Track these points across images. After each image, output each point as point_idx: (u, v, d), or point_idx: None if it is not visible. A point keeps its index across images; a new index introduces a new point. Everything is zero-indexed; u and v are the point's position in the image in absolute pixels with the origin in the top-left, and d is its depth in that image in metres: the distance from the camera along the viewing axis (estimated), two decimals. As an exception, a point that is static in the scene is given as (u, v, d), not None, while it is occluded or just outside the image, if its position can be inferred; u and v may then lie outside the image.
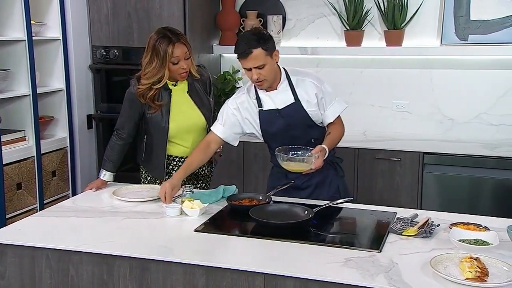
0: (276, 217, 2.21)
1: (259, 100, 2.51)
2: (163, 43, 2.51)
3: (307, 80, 2.50)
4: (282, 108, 2.48)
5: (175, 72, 2.57)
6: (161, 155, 2.70)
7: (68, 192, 3.77)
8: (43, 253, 2.03)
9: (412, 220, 2.16)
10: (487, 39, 3.54)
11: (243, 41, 2.36)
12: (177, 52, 2.52)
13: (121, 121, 2.70)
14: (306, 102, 2.48)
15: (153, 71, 2.53)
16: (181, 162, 2.71)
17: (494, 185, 3.28)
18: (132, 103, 2.64)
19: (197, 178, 2.81)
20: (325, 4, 3.89)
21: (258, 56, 2.33)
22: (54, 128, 3.77)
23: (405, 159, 3.41)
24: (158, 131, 2.66)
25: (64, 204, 2.52)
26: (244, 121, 2.56)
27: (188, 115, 2.68)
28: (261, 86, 2.46)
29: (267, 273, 1.79)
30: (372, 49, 3.80)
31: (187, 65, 2.57)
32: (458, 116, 3.76)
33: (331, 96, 2.54)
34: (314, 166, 2.37)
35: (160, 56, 2.50)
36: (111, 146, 2.72)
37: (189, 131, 2.69)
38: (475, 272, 1.64)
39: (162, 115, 2.63)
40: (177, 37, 2.53)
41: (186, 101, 2.67)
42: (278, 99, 2.49)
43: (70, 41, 3.74)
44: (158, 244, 2.01)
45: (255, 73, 2.37)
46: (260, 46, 2.33)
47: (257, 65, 2.35)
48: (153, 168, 2.76)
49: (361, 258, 1.85)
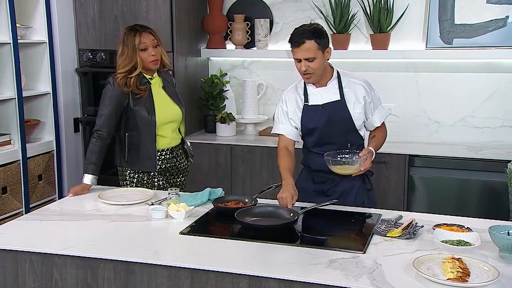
0: (262, 219, 2.22)
1: (306, 95, 2.56)
2: (131, 34, 2.72)
3: (358, 83, 2.56)
4: (325, 103, 2.52)
5: (146, 60, 2.72)
6: (151, 146, 2.77)
7: (54, 196, 3.75)
8: (26, 257, 2.02)
9: (396, 222, 2.17)
10: (471, 43, 3.58)
11: (299, 32, 2.42)
12: (144, 39, 2.71)
13: (101, 121, 2.73)
14: (352, 103, 2.53)
15: (125, 60, 2.71)
16: (164, 155, 2.81)
17: (479, 187, 3.31)
18: (113, 99, 2.71)
19: (177, 172, 2.89)
20: (312, 8, 3.91)
21: (310, 48, 2.39)
22: (40, 132, 3.75)
23: (392, 162, 3.43)
24: (145, 123, 2.74)
25: (49, 208, 2.50)
26: (292, 114, 2.58)
27: (168, 107, 2.82)
28: (308, 80, 2.50)
29: (252, 275, 1.80)
30: (359, 53, 3.83)
31: (156, 52, 2.73)
32: (443, 119, 3.80)
33: (378, 102, 2.61)
34: (363, 168, 2.42)
35: (130, 46, 2.70)
36: (91, 149, 2.74)
37: (170, 122, 2.83)
38: (456, 273, 1.66)
39: (147, 106, 2.73)
40: (144, 28, 2.76)
41: (162, 94, 2.83)
42: (324, 95, 2.54)
43: (56, 44, 3.72)
44: (143, 247, 2.01)
45: (303, 65, 2.42)
46: (314, 39, 2.39)
47: (308, 56, 2.40)
48: (142, 163, 2.78)
49: (345, 260, 1.86)
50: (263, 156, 3.70)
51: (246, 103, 4.01)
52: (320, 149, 2.53)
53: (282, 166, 2.53)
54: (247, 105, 4.01)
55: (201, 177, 3.79)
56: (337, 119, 2.52)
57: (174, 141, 2.87)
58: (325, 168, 2.49)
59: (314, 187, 2.62)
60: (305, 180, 2.65)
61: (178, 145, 2.89)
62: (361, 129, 2.58)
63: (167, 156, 2.83)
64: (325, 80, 2.54)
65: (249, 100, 4.00)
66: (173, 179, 2.90)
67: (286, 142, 2.60)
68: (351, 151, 2.50)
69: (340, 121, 2.52)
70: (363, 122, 2.58)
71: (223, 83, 4.07)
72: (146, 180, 2.80)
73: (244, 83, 4.02)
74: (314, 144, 2.57)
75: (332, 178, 2.56)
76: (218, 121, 3.94)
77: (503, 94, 3.65)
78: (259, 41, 3.98)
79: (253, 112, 4.03)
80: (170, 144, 2.84)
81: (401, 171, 3.43)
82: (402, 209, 3.32)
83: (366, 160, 2.42)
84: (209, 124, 4.04)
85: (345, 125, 2.53)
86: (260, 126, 4.09)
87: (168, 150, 2.83)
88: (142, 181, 2.80)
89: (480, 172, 3.30)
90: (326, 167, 2.47)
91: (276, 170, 3.42)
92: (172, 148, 2.85)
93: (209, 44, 4.11)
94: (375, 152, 2.50)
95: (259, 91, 4.08)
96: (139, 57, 2.70)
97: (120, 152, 2.81)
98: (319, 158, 2.51)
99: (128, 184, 2.81)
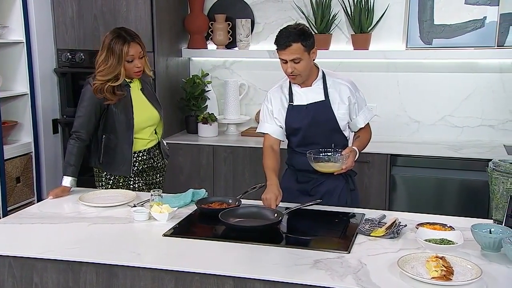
0: (246, 220, 2.21)
1: (291, 95, 2.56)
2: (119, 42, 2.61)
3: (343, 83, 2.56)
4: (310, 103, 2.52)
5: (130, 70, 2.67)
6: (127, 150, 2.72)
7: (33, 199, 3.68)
8: (5, 261, 1.97)
9: (380, 221, 2.18)
10: (451, 43, 3.62)
11: (285, 33, 2.41)
12: (132, 51, 2.62)
13: (79, 122, 2.69)
14: (336, 104, 2.52)
15: (109, 69, 2.62)
16: (142, 156, 2.78)
17: (459, 185, 3.35)
18: (92, 100, 2.66)
19: (154, 171, 2.88)
20: (293, 8, 3.92)
21: (296, 50, 2.38)
22: (18, 133, 3.69)
23: (374, 161, 3.45)
24: (123, 126, 2.70)
25: (29, 210, 2.46)
26: (277, 113, 2.57)
27: (146, 109, 2.78)
28: (294, 81, 2.50)
29: (237, 277, 1.78)
30: (340, 53, 3.84)
31: (141, 63, 2.68)
32: (424, 119, 3.83)
33: (363, 103, 2.61)
34: (345, 166, 2.41)
35: (116, 55, 2.61)
36: (70, 150, 2.69)
37: (149, 125, 2.79)
38: (440, 271, 1.67)
39: (126, 110, 2.70)
40: (132, 37, 2.66)
41: (141, 97, 2.78)
42: (309, 95, 2.53)
43: (34, 44, 3.66)
44: (125, 250, 1.98)
45: (290, 66, 2.42)
46: (300, 42, 2.38)
47: (294, 57, 2.39)
48: (117, 167, 2.74)
49: (330, 260, 1.86)
50: (246, 157, 3.68)
51: (228, 103, 3.99)
52: (304, 149, 2.53)
53: (266, 166, 2.52)
54: (229, 105, 3.99)
55: (183, 177, 3.77)
56: (321, 120, 2.52)
57: (151, 142, 2.84)
58: (309, 168, 2.49)
59: (298, 186, 2.62)
60: (289, 180, 2.65)
61: (154, 146, 2.86)
62: (345, 129, 2.59)
63: (144, 157, 2.80)
64: (310, 80, 2.54)
65: (231, 100, 3.99)
66: (150, 179, 2.87)
67: (271, 141, 2.59)
68: (333, 149, 2.50)
69: (324, 121, 2.52)
70: (348, 122, 2.58)
71: (204, 83, 4.04)
72: (122, 182, 2.76)
73: (226, 84, 4.01)
74: (298, 144, 2.57)
75: (315, 178, 2.56)
76: (200, 121, 3.91)
77: (482, 93, 3.70)
78: (240, 41, 3.97)
79: (235, 113, 4.01)
80: (147, 146, 2.81)
81: (383, 171, 3.45)
82: (384, 208, 3.34)
83: (348, 158, 2.42)
84: (191, 125, 4.01)
85: (329, 126, 2.53)
86: (242, 126, 4.08)
87: (145, 151, 2.80)
88: (118, 183, 2.77)
89: (460, 171, 3.34)
90: (310, 166, 2.47)
91: (259, 171, 3.43)
92: (149, 149, 2.82)
93: (190, 44, 4.08)
94: (358, 152, 2.50)
95: (241, 91, 4.06)
96: (124, 67, 2.62)
97: (96, 153, 2.77)
98: (303, 157, 2.51)
99: (103, 185, 2.78)
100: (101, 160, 2.75)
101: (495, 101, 3.68)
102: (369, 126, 2.66)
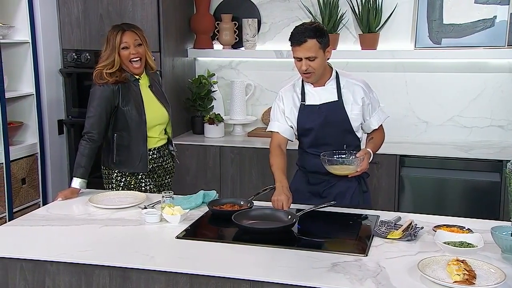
0: (260, 222, 2.18)
1: (303, 95, 2.52)
2: (114, 32, 2.69)
3: (357, 84, 2.52)
4: (322, 104, 2.48)
5: (126, 58, 2.67)
6: (143, 146, 2.72)
7: (38, 200, 3.64)
8: (16, 264, 1.94)
9: (395, 223, 2.15)
10: (460, 43, 3.60)
11: (300, 30, 2.37)
12: (126, 38, 2.66)
13: (90, 123, 2.66)
14: (349, 104, 2.49)
15: (104, 55, 2.68)
16: (152, 154, 2.76)
17: (468, 186, 3.32)
18: (102, 99, 2.65)
19: (164, 172, 2.86)
20: (300, 8, 3.88)
21: (311, 47, 2.35)
22: (24, 134, 3.65)
23: (383, 162, 3.42)
24: (136, 122, 2.69)
25: (37, 213, 2.42)
26: (289, 112, 2.54)
27: (155, 107, 2.78)
28: (308, 79, 2.46)
29: (254, 280, 1.75)
30: (347, 53, 3.81)
31: (137, 51, 2.68)
32: (432, 119, 3.80)
33: (376, 104, 2.58)
34: (360, 169, 2.38)
35: (111, 44, 2.68)
36: (81, 152, 2.65)
37: (158, 123, 2.78)
38: (463, 275, 1.64)
39: (137, 106, 2.69)
40: (128, 26, 2.72)
41: (149, 94, 2.77)
42: (322, 95, 2.50)
43: (40, 44, 3.62)
44: (138, 252, 1.95)
45: (304, 64, 2.38)
46: (316, 38, 2.35)
47: (309, 55, 2.36)
48: (132, 165, 2.72)
49: (347, 263, 1.83)
50: (252, 157, 3.65)
51: (234, 103, 3.96)
52: (316, 150, 2.50)
53: (275, 166, 2.47)
54: (235, 106, 3.96)
55: (189, 178, 3.74)
56: (333, 120, 2.48)
57: (161, 141, 2.82)
58: (321, 169, 2.46)
59: (309, 188, 2.59)
60: (300, 182, 2.62)
61: (164, 145, 2.85)
62: (358, 130, 2.55)
63: (154, 155, 2.78)
64: (323, 80, 2.50)
65: (237, 100, 3.96)
66: (160, 180, 2.85)
67: (280, 140, 2.55)
68: (346, 151, 2.47)
69: (336, 122, 2.49)
70: (361, 123, 2.55)
71: (210, 83, 4.01)
72: (133, 184, 2.73)
73: (232, 84, 3.98)
74: (310, 144, 2.53)
75: (327, 180, 2.53)
76: (206, 122, 3.88)
77: (491, 94, 3.67)
78: (247, 41, 3.94)
79: (241, 113, 3.98)
80: (157, 144, 2.79)
81: (391, 172, 3.42)
82: (393, 210, 3.31)
83: (363, 161, 2.39)
84: (197, 125, 3.98)
85: (341, 126, 2.50)
86: (249, 127, 4.04)
87: (155, 149, 2.78)
88: (129, 185, 2.73)
89: (469, 171, 3.31)
90: (322, 168, 2.44)
91: (265, 172, 3.41)
92: (159, 148, 2.80)
93: (196, 44, 4.05)
94: (372, 153, 2.47)
95: (247, 91, 4.03)
96: (119, 55, 2.66)
97: (108, 153, 2.73)
98: (314, 159, 2.48)
99: (114, 187, 2.74)
100: (115, 159, 2.71)
101: (505, 101, 3.65)
102: (382, 127, 2.62)
